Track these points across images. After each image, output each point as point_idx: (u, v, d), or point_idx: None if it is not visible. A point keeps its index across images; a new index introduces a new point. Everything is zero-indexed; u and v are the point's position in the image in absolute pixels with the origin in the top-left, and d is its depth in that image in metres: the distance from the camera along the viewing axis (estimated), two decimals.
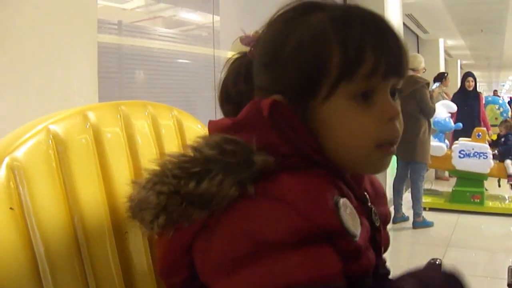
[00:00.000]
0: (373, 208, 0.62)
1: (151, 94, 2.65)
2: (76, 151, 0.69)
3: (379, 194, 0.68)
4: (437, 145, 4.98)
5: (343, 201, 0.52)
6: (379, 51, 0.54)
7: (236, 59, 0.64)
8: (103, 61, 1.95)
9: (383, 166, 0.58)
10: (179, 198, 0.50)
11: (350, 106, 0.54)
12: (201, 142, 0.54)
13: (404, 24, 6.75)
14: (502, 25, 8.63)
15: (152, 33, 2.78)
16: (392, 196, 4.56)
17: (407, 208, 4.58)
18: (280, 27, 0.58)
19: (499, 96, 11.19)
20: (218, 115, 0.64)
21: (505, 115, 8.49)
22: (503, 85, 22.59)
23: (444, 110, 5.08)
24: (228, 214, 0.50)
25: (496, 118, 8.13)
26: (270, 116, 0.53)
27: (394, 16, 5.40)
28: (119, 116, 0.77)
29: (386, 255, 0.68)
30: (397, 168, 4.53)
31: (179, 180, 0.51)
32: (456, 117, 6.58)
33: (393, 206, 4.53)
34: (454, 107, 5.36)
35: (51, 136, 0.66)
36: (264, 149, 0.52)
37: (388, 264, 0.70)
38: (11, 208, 0.60)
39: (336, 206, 0.51)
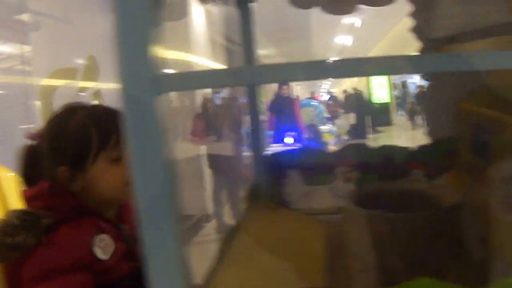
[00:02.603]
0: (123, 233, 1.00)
1: None
2: None
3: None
4: None
5: (99, 238, 0.92)
6: (118, 130, 0.98)
7: (28, 149, 1.01)
8: None
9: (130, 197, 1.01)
10: (5, 247, 0.85)
11: (108, 166, 0.95)
12: (12, 213, 0.89)
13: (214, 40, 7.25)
14: (308, 33, 9.87)
15: None
16: None
17: None
18: (57, 123, 0.97)
19: (315, 98, 12.49)
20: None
21: (320, 116, 9.63)
22: (321, 85, 24.93)
23: None
24: (31, 254, 0.86)
25: (312, 120, 9.13)
26: (49, 191, 0.94)
27: (200, 32, 5.79)
28: None
29: None
30: None
31: (1, 236, 0.85)
32: (277, 123, 7.19)
33: None
34: None
35: None
36: (49, 210, 0.90)
37: None
38: None
39: (93, 243, 0.90)
